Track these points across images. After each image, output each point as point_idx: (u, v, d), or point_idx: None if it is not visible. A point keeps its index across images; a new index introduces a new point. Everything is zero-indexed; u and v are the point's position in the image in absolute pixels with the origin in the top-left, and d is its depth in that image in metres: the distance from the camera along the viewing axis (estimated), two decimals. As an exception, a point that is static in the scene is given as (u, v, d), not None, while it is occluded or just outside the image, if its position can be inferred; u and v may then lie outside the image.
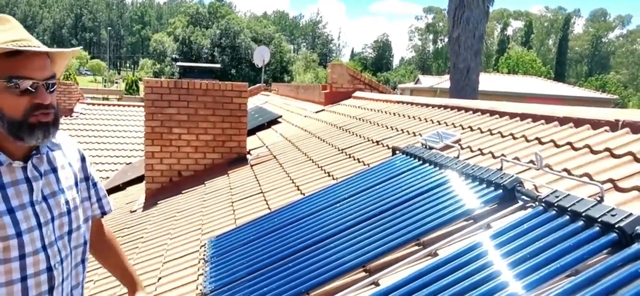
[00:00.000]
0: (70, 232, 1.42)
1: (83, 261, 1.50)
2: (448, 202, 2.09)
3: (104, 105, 12.74)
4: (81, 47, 1.46)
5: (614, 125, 2.36)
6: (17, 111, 1.26)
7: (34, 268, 1.30)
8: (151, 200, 4.97)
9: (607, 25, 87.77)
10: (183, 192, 4.78)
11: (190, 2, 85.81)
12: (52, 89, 1.32)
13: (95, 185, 1.60)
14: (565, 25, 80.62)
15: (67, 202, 1.41)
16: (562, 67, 75.47)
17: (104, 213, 1.66)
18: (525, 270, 1.38)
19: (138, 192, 5.83)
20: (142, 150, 5.40)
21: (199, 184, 4.85)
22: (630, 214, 1.37)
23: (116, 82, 59.58)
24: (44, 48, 1.32)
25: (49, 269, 1.33)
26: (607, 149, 2.13)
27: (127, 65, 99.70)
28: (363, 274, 1.94)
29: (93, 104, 12.49)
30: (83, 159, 1.57)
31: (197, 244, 3.20)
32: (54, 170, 1.41)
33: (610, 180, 1.85)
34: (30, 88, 1.26)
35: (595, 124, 2.46)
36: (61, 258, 1.37)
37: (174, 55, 46.77)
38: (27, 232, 1.29)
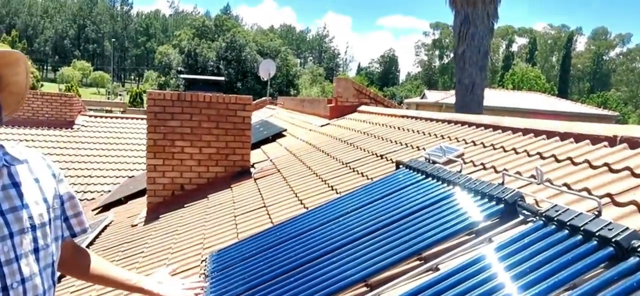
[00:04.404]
0: (37, 250, 1.31)
1: (54, 282, 1.40)
2: (450, 217, 2.10)
3: (106, 117, 12.72)
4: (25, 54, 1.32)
5: (612, 141, 2.38)
6: None
7: None
8: (153, 214, 4.93)
9: (608, 43, 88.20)
10: (185, 205, 4.76)
11: (196, 14, 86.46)
12: None
13: (62, 203, 1.47)
14: (568, 42, 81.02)
15: (30, 218, 1.31)
16: (565, 83, 75.67)
17: (73, 235, 1.53)
18: (525, 284, 1.39)
19: (140, 206, 5.81)
20: (145, 164, 5.39)
21: (201, 198, 4.83)
22: (627, 228, 1.39)
23: (120, 95, 59.84)
24: None
25: (5, 288, 1.22)
26: (605, 164, 2.14)
27: (132, 77, 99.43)
28: (364, 289, 1.94)
29: (95, 116, 12.45)
30: (55, 176, 1.46)
31: (198, 259, 3.19)
32: (16, 184, 1.32)
33: (608, 195, 1.87)
34: None
35: (595, 139, 2.48)
36: (22, 278, 1.25)
37: (179, 68, 46.95)
38: None
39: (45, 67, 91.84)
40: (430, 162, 3.00)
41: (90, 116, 12.19)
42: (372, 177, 3.38)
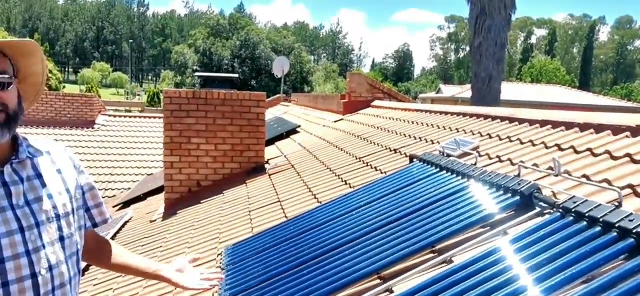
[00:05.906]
0: (62, 239, 1.35)
1: (79, 270, 1.44)
2: (464, 209, 2.07)
3: (125, 117, 12.99)
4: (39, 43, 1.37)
5: (635, 131, 2.30)
6: None
7: (15, 273, 1.23)
8: (171, 210, 4.99)
9: (633, 32, 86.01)
10: (202, 201, 4.81)
11: (211, 13, 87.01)
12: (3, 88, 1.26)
13: (84, 194, 1.51)
14: (590, 33, 79.07)
15: (55, 208, 1.35)
16: (586, 75, 73.99)
17: (95, 225, 1.57)
18: (541, 276, 1.35)
19: (158, 203, 5.88)
20: (163, 161, 5.49)
21: (217, 194, 4.87)
22: (649, 220, 1.34)
23: (138, 95, 60.62)
24: None
25: (34, 275, 1.26)
26: (627, 155, 2.08)
27: (149, 77, 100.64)
28: (377, 281, 1.93)
29: (115, 116, 12.74)
30: (76, 167, 1.50)
31: (214, 252, 3.22)
32: (40, 176, 1.36)
33: (630, 186, 1.81)
34: None
35: (616, 130, 2.41)
36: (50, 265, 1.29)
37: (195, 67, 47.42)
38: (6, 236, 1.23)
39: (66, 69, 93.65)
40: (445, 155, 2.97)
41: (110, 116, 12.49)
42: (386, 171, 3.35)
